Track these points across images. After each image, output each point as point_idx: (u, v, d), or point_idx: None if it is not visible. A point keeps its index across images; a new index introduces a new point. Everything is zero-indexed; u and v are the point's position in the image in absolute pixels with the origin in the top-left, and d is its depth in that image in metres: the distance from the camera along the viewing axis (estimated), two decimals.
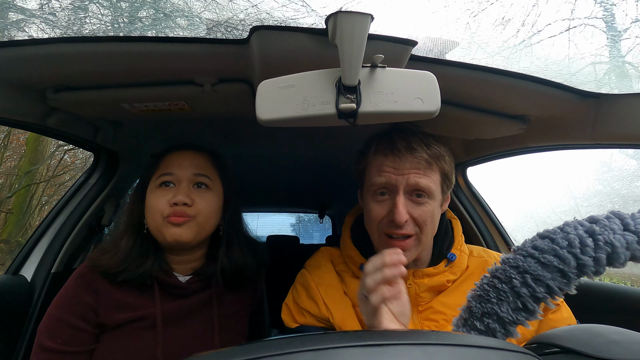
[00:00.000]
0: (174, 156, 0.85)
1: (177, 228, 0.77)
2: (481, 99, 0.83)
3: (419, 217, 0.67)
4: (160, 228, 0.78)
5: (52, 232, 1.18)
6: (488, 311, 0.38)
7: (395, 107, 0.52)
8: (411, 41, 0.59)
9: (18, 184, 5.92)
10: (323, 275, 0.78)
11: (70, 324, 0.75)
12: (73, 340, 0.75)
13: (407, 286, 0.71)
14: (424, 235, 0.68)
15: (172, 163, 0.83)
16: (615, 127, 0.78)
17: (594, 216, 0.38)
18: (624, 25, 0.74)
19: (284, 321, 0.78)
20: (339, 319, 0.72)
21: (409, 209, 0.67)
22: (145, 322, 0.77)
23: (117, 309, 0.77)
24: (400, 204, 0.66)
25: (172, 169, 0.81)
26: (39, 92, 0.81)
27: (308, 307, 0.75)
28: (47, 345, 0.73)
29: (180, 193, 0.78)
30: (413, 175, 0.67)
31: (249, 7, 0.63)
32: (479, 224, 1.38)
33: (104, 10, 0.69)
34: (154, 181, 0.82)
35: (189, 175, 0.81)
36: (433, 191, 0.68)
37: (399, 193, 0.67)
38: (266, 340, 0.29)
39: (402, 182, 0.67)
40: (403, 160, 0.68)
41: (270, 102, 0.53)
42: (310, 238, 4.53)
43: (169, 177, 0.80)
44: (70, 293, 0.78)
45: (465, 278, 0.73)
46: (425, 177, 0.67)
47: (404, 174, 0.67)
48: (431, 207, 0.68)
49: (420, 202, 0.68)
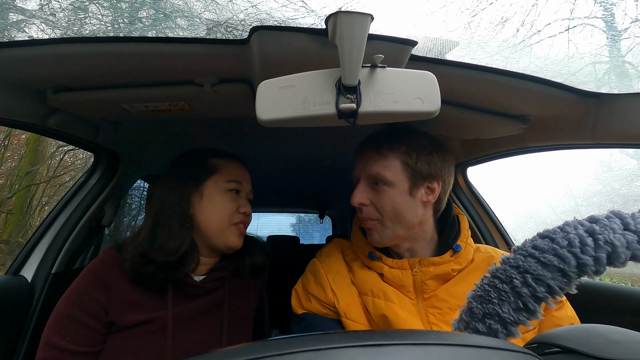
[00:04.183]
0: (236, 165, 0.90)
1: (239, 237, 0.84)
2: (481, 99, 0.83)
3: (378, 203, 0.75)
4: (224, 232, 0.82)
5: (53, 233, 1.18)
6: (489, 312, 0.38)
7: (395, 107, 0.52)
8: (411, 41, 0.60)
9: (18, 185, 5.92)
10: (332, 264, 0.82)
11: (80, 321, 0.73)
12: (82, 338, 0.73)
13: (413, 274, 0.74)
14: (387, 220, 0.75)
15: (238, 172, 0.88)
16: (615, 127, 0.78)
17: (594, 216, 0.38)
18: (624, 24, 0.74)
19: (292, 307, 0.81)
20: (344, 304, 0.75)
21: (369, 195, 0.77)
22: (155, 325, 0.76)
23: (128, 309, 0.76)
24: (356, 189, 0.78)
25: (240, 178, 0.87)
26: (39, 92, 0.81)
27: (315, 292, 0.78)
28: (55, 342, 0.71)
29: (247, 205, 0.86)
30: (368, 166, 0.77)
31: (249, 8, 0.63)
32: (479, 224, 1.39)
33: (104, 11, 0.69)
34: (220, 182, 0.84)
35: (248, 190, 0.90)
36: (388, 179, 0.74)
37: (360, 182, 0.78)
38: (267, 341, 0.29)
39: (362, 172, 0.78)
40: (363, 155, 0.79)
41: (270, 102, 0.53)
42: (311, 238, 4.54)
43: (238, 185, 0.86)
44: (81, 289, 0.76)
45: (470, 270, 0.75)
46: (377, 166, 0.75)
47: (363, 167, 0.78)
48: (390, 195, 0.75)
49: (379, 190, 0.76)
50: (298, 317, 0.79)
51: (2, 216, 6.05)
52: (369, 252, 0.79)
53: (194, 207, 0.82)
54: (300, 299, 0.80)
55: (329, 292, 0.77)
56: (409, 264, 0.75)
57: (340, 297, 0.76)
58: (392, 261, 0.76)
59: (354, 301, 0.75)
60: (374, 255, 0.78)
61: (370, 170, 0.76)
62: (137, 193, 2.59)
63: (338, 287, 0.77)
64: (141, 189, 2.41)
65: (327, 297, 0.76)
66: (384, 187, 0.75)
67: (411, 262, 0.75)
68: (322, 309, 0.77)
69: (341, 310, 0.74)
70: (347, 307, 0.74)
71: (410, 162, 0.75)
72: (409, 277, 0.74)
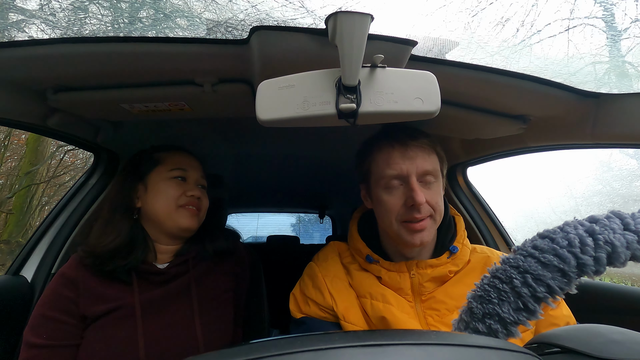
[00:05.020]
0: (182, 156, 0.95)
1: (191, 218, 0.88)
2: (481, 99, 0.83)
3: (432, 199, 0.72)
4: (172, 215, 0.86)
5: (53, 233, 1.18)
6: (489, 312, 0.38)
7: (395, 107, 0.52)
8: (411, 41, 0.60)
9: (18, 185, 5.92)
10: (329, 267, 0.81)
11: (53, 318, 0.78)
12: (58, 333, 0.77)
13: (411, 276, 0.74)
14: (438, 215, 0.73)
15: (183, 161, 0.93)
16: (615, 127, 0.78)
17: (594, 216, 0.38)
18: (624, 24, 0.74)
19: (291, 311, 0.81)
20: (343, 308, 0.74)
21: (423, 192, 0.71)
22: (123, 312, 0.80)
23: (96, 301, 0.80)
24: (414, 188, 0.70)
25: (184, 166, 0.92)
26: (39, 92, 0.81)
27: (313, 296, 0.78)
28: (33, 341, 0.76)
29: (195, 189, 0.91)
30: (420, 161, 0.72)
31: (248, 8, 0.63)
32: (479, 224, 1.38)
33: (104, 11, 0.69)
34: (164, 172, 0.90)
35: (197, 176, 0.94)
36: (438, 172, 0.74)
37: (412, 179, 0.71)
38: (266, 341, 0.29)
39: (413, 168, 0.72)
40: (409, 149, 0.73)
41: (270, 102, 0.53)
42: (310, 238, 4.54)
43: (183, 172, 0.91)
44: (52, 290, 0.82)
45: (467, 271, 0.75)
46: (429, 160, 0.73)
47: (413, 162, 0.72)
48: (438, 188, 0.74)
49: (430, 183, 0.73)
50: (297, 321, 0.79)
51: (2, 216, 6.05)
52: (367, 255, 0.78)
53: (141, 199, 0.89)
54: (298, 303, 0.80)
55: (327, 295, 0.76)
56: (407, 267, 0.75)
57: (339, 300, 0.75)
58: (390, 264, 0.76)
59: (352, 304, 0.75)
60: (371, 259, 0.78)
61: (424, 165, 0.72)
62: None
63: (336, 291, 0.77)
64: None
65: (326, 301, 0.76)
66: (434, 181, 0.74)
67: (408, 265, 0.75)
68: (321, 313, 0.76)
69: (340, 313, 0.74)
70: (345, 310, 0.74)
71: (441, 154, 0.77)
72: (406, 279, 0.74)
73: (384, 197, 0.74)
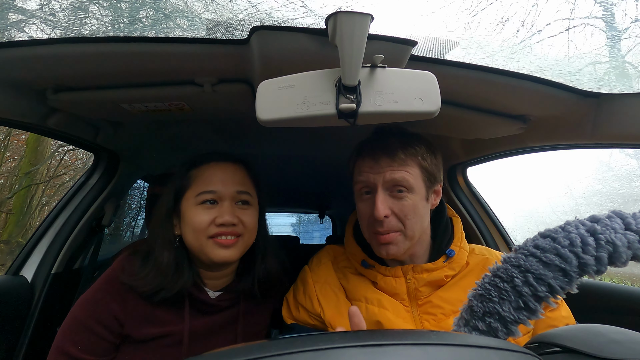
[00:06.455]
0: (213, 170, 0.79)
1: (226, 250, 0.74)
2: (481, 99, 0.83)
3: (400, 212, 0.70)
4: (204, 248, 0.74)
5: (53, 233, 1.18)
6: (490, 310, 0.38)
7: (395, 107, 0.52)
8: (411, 41, 0.59)
9: (18, 185, 5.92)
10: (321, 273, 0.81)
11: (92, 330, 0.72)
12: (93, 348, 0.72)
13: (407, 281, 0.73)
14: (409, 230, 0.70)
15: (212, 179, 0.77)
16: (615, 127, 0.78)
17: (596, 215, 0.38)
18: (624, 24, 0.74)
19: (283, 316, 0.81)
20: (329, 315, 0.74)
21: (390, 204, 0.70)
22: (172, 339, 0.75)
23: (145, 323, 0.74)
24: (379, 200, 0.69)
25: (213, 186, 0.76)
26: (39, 92, 0.81)
27: (304, 302, 0.78)
28: (67, 349, 0.71)
29: (226, 213, 0.75)
30: (388, 172, 0.70)
31: (248, 8, 0.63)
32: (479, 224, 1.38)
33: (104, 11, 0.69)
34: (192, 197, 0.76)
35: (232, 193, 0.77)
36: (411, 184, 0.70)
37: (378, 190, 0.70)
38: (267, 341, 0.29)
39: (379, 179, 0.70)
40: (378, 160, 0.71)
41: (270, 102, 0.53)
42: (310, 238, 4.54)
43: (211, 195, 0.76)
44: (98, 298, 0.74)
45: (464, 274, 0.74)
46: (400, 171, 0.70)
47: (380, 172, 0.71)
48: (412, 201, 0.70)
49: (400, 197, 0.70)
50: (287, 327, 0.79)
51: (2, 216, 6.05)
52: (362, 260, 0.78)
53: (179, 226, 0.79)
54: (290, 309, 0.80)
55: (316, 303, 0.76)
56: (402, 272, 0.74)
57: (326, 308, 0.75)
58: (386, 269, 0.75)
59: (339, 311, 0.74)
60: (367, 264, 0.77)
61: (393, 175, 0.69)
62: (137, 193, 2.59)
63: (324, 298, 0.76)
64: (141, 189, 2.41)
65: (314, 308, 0.76)
66: (406, 193, 0.70)
67: (404, 270, 0.74)
68: (310, 320, 0.76)
69: (326, 321, 0.74)
70: (332, 318, 0.74)
71: (426, 166, 0.73)
72: (402, 284, 0.73)
73: (358, 203, 0.75)
